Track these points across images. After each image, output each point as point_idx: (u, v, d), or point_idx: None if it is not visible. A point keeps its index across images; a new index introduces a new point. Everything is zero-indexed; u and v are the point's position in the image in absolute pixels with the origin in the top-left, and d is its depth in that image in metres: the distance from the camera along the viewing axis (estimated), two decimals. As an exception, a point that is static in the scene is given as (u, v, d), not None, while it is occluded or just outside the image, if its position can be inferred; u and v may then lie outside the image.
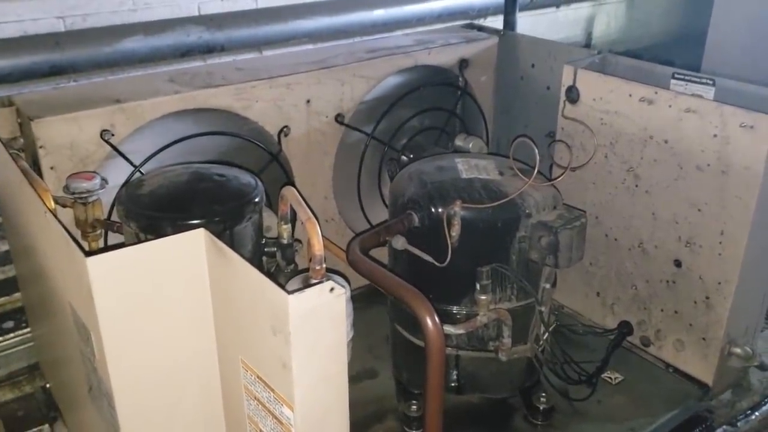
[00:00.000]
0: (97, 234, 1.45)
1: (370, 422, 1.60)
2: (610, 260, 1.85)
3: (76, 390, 1.32)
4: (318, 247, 1.10)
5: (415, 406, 1.57)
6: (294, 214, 1.38)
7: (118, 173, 1.57)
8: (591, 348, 1.79)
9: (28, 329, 1.85)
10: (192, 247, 1.03)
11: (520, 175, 1.48)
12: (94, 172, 1.46)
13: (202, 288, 1.06)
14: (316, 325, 0.93)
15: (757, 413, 1.73)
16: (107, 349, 1.00)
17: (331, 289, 0.93)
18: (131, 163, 1.58)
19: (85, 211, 1.42)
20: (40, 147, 1.48)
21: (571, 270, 1.85)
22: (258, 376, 1.00)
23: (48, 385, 1.75)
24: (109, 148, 1.55)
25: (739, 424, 1.70)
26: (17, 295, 1.92)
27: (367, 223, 2.04)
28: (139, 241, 1.29)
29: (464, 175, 1.52)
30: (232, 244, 1.01)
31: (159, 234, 1.25)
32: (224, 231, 1.32)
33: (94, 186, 1.41)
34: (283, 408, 0.96)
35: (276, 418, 0.99)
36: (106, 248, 1.49)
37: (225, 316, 1.06)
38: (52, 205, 1.27)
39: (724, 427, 1.69)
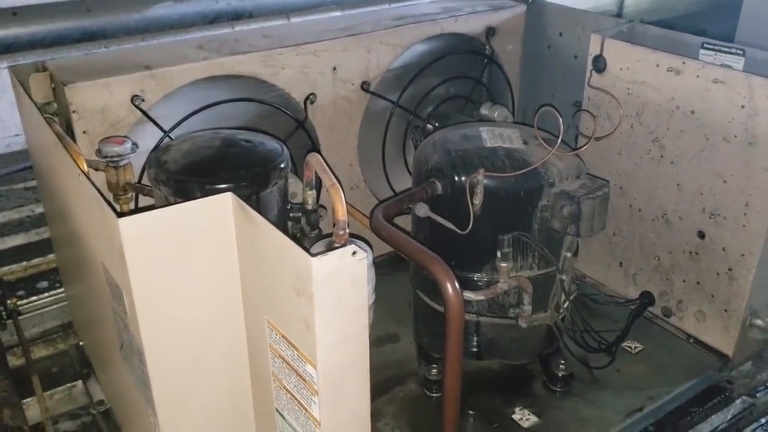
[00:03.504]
0: (128, 197, 1.49)
1: (391, 384, 1.64)
2: (633, 231, 1.85)
3: (108, 348, 1.37)
4: (341, 212, 1.12)
5: (435, 370, 1.61)
6: (319, 180, 1.41)
7: (148, 138, 1.60)
8: (612, 318, 1.80)
9: (62, 289, 1.91)
10: (219, 211, 1.06)
11: (544, 144, 1.48)
12: (125, 136, 1.50)
13: (230, 250, 1.09)
14: (338, 287, 0.95)
15: (776, 385, 1.73)
16: (138, 307, 1.04)
17: (353, 253, 0.95)
18: (161, 128, 1.62)
19: (117, 175, 1.45)
20: (73, 112, 1.52)
21: (594, 240, 1.86)
22: (283, 336, 1.03)
23: (81, 343, 1.81)
24: (139, 113, 1.58)
25: (758, 395, 1.71)
26: (51, 256, 1.98)
27: (392, 191, 2.06)
28: (169, 204, 1.32)
29: (488, 144, 1.53)
30: (259, 209, 1.04)
31: (188, 197, 1.28)
32: (251, 196, 1.35)
33: (125, 150, 1.44)
34: (307, 366, 0.99)
35: (299, 375, 1.02)
36: (137, 210, 1.54)
37: (251, 277, 1.09)
38: (86, 168, 1.30)
39: (743, 397, 1.69)
